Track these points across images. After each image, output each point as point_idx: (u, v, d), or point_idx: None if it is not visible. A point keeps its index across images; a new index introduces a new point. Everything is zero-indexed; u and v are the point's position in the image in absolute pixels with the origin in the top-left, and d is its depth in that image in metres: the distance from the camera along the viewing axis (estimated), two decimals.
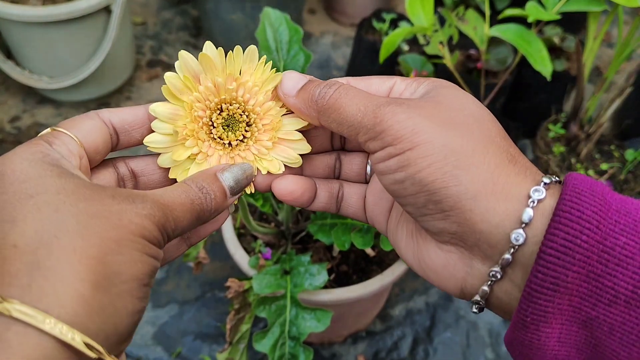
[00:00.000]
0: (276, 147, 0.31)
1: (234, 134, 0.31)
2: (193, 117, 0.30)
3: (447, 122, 0.26)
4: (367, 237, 0.61)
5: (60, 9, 1.02)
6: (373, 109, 0.26)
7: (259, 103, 0.30)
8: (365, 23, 1.16)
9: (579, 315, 0.24)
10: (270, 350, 0.60)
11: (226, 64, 0.30)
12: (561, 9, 0.77)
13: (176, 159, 0.30)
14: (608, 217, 0.23)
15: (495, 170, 0.25)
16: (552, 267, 0.23)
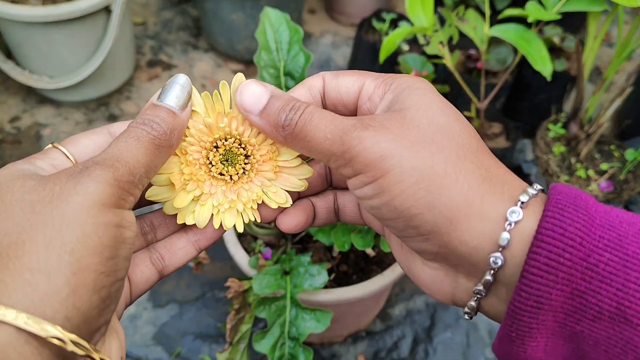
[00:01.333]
0: (279, 177, 0.31)
1: (234, 168, 0.31)
2: (187, 161, 0.30)
3: (416, 142, 0.25)
4: (367, 238, 0.61)
5: (61, 9, 1.02)
6: (340, 135, 0.25)
7: (253, 134, 0.30)
8: (365, 23, 1.16)
9: (563, 330, 0.24)
10: (270, 350, 0.60)
11: (214, 102, 0.29)
12: (561, 9, 0.77)
13: (178, 206, 0.29)
14: (592, 232, 0.23)
15: (469, 191, 0.24)
16: (536, 286, 0.23)
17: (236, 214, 0.31)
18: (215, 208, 0.30)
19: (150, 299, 0.92)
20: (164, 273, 0.31)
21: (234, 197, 0.30)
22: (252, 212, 0.31)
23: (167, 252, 0.30)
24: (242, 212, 0.31)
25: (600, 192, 0.90)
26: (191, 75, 1.34)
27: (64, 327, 0.21)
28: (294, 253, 0.68)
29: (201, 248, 0.31)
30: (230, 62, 1.38)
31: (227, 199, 0.30)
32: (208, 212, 0.30)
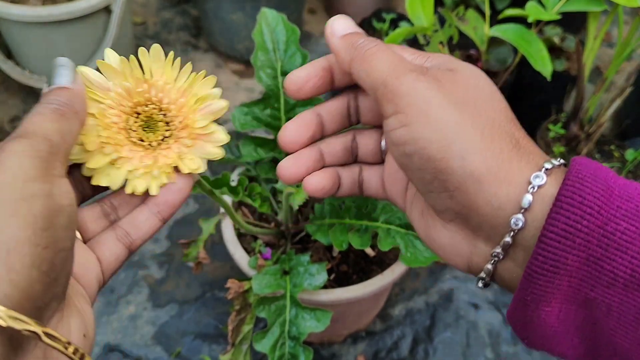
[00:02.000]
0: (195, 144, 0.31)
1: (154, 135, 0.31)
2: (104, 124, 0.30)
3: (462, 101, 0.26)
4: (365, 237, 0.61)
5: (61, 9, 1.02)
6: (399, 71, 0.27)
7: (172, 101, 0.31)
8: (366, 23, 1.16)
9: (578, 296, 0.25)
10: (270, 350, 0.60)
11: (132, 68, 0.30)
12: (561, 9, 0.77)
13: (90, 166, 0.30)
14: (610, 202, 0.24)
15: (500, 155, 0.25)
16: (553, 251, 0.24)
17: (150, 178, 0.31)
18: (130, 173, 0.31)
19: (150, 299, 0.92)
20: (132, 248, 0.31)
21: (150, 162, 0.31)
22: (167, 176, 0.31)
23: (131, 227, 0.31)
24: (157, 176, 0.31)
25: None
26: None
27: (5, 305, 0.21)
28: (293, 253, 0.68)
29: (165, 218, 0.32)
30: (231, 62, 1.38)
31: (142, 164, 0.31)
32: (122, 176, 0.31)
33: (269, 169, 0.73)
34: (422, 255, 0.58)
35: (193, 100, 0.31)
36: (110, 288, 0.93)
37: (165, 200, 0.31)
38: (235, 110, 0.68)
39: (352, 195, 0.35)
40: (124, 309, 0.91)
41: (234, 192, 0.64)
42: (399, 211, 0.61)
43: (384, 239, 0.60)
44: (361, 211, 0.63)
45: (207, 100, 0.31)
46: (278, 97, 0.68)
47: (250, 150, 0.70)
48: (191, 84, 0.31)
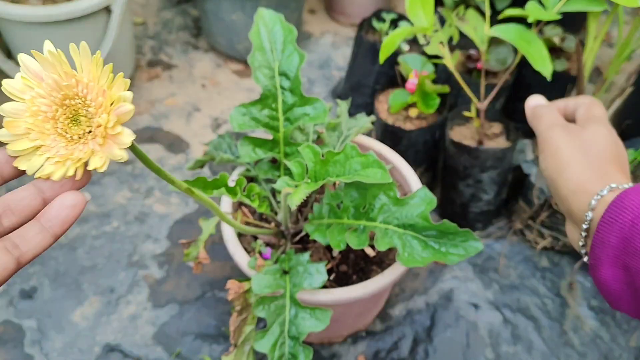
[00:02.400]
0: (106, 143, 0.32)
1: (77, 128, 0.33)
2: (32, 111, 0.32)
3: (577, 146, 0.45)
4: (362, 237, 0.61)
5: (61, 9, 1.02)
6: (551, 125, 0.47)
7: (94, 98, 0.32)
8: (366, 23, 1.16)
9: (619, 262, 0.39)
10: (270, 350, 0.60)
11: (61, 62, 0.32)
12: (561, 9, 0.77)
13: (13, 148, 0.32)
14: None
15: (588, 181, 0.43)
16: (602, 233, 0.39)
17: (59, 167, 0.32)
18: (47, 160, 0.32)
19: (150, 299, 0.92)
20: (22, 261, 0.31)
21: (64, 153, 0.32)
22: (77, 169, 0.33)
23: (21, 239, 0.31)
24: (67, 166, 0.32)
25: None
26: (191, 75, 1.34)
27: None
28: (292, 252, 0.68)
29: (56, 234, 0.32)
30: (230, 62, 1.38)
31: (57, 154, 0.32)
32: (40, 162, 0.32)
33: (267, 169, 0.73)
34: (419, 256, 0.57)
35: (110, 101, 0.32)
36: (110, 288, 0.93)
37: (57, 215, 0.32)
38: (234, 111, 0.68)
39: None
40: (124, 309, 0.91)
41: (232, 193, 0.64)
42: (397, 211, 0.61)
43: (382, 239, 0.60)
44: (359, 211, 0.63)
45: (119, 101, 0.32)
46: (276, 97, 0.68)
47: (249, 151, 0.70)
48: (110, 85, 0.32)
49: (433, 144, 1.00)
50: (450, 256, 0.57)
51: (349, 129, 0.76)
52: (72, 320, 0.89)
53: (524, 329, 0.91)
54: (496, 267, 0.99)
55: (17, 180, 1.04)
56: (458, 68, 1.04)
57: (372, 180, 0.58)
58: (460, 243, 0.58)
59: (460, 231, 0.58)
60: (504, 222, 1.05)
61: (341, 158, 0.60)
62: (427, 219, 0.59)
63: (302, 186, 0.60)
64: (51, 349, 0.86)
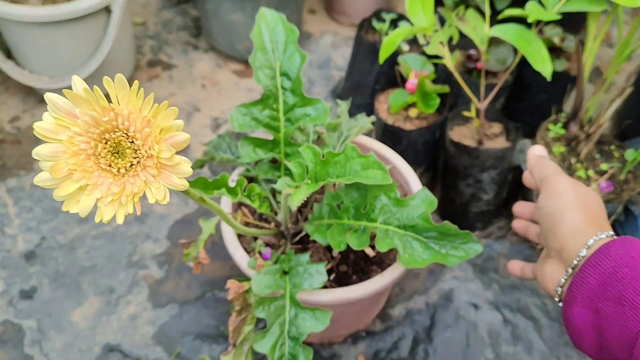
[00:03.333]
0: (161, 174, 0.32)
1: (123, 161, 0.31)
2: (72, 152, 0.31)
3: (578, 194, 0.49)
4: (363, 237, 0.61)
5: (61, 9, 1.02)
6: (557, 173, 0.52)
7: (138, 130, 0.31)
8: (365, 23, 1.16)
9: (593, 304, 0.42)
10: (270, 350, 0.60)
11: (98, 98, 0.30)
12: (561, 9, 0.77)
13: (58, 194, 0.31)
14: (622, 259, 0.41)
15: (585, 227, 0.46)
16: (584, 274, 0.43)
17: (118, 206, 0.31)
18: (99, 201, 0.31)
19: (150, 299, 0.92)
20: None
21: (117, 190, 0.31)
22: (135, 204, 0.32)
23: None
24: (125, 204, 0.31)
25: (600, 192, 0.90)
26: (191, 75, 1.34)
27: None
28: (292, 253, 0.68)
29: None
30: (230, 62, 1.38)
31: (110, 192, 0.31)
32: (91, 203, 0.31)
33: (268, 169, 0.73)
34: (419, 257, 0.58)
35: (157, 130, 0.31)
36: (110, 288, 0.93)
37: None
38: (234, 111, 0.68)
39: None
40: (123, 309, 0.91)
41: (232, 193, 0.64)
42: (398, 212, 0.61)
43: (382, 239, 0.60)
44: (359, 212, 0.63)
45: (170, 131, 0.31)
46: (277, 97, 0.68)
47: (249, 151, 0.70)
48: (155, 114, 0.31)
49: (433, 144, 1.00)
50: (450, 258, 0.57)
51: (349, 129, 0.76)
52: (72, 321, 0.89)
53: (524, 329, 0.91)
54: (496, 267, 0.99)
55: (26, 180, 1.03)
56: (458, 68, 1.04)
57: (372, 181, 0.58)
58: (460, 245, 0.58)
59: (460, 233, 0.58)
60: (504, 222, 1.05)
61: (341, 159, 0.60)
62: (427, 220, 0.59)
63: (302, 187, 0.60)
64: (51, 349, 0.86)
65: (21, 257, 0.97)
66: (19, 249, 0.98)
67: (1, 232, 1.00)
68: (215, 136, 1.20)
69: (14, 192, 1.07)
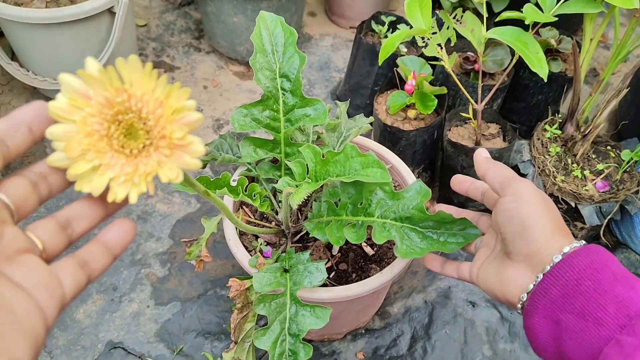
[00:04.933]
0: (174, 154, 0.32)
1: (135, 142, 0.32)
2: (86, 132, 0.31)
3: (543, 199, 0.47)
4: (360, 232, 0.62)
5: (64, 11, 1.03)
6: (517, 176, 0.49)
7: (151, 111, 0.31)
8: (365, 26, 1.17)
9: (553, 315, 0.42)
10: (271, 347, 0.61)
11: (112, 79, 0.31)
12: (558, 11, 0.78)
13: (73, 172, 0.31)
14: (586, 271, 0.41)
15: (556, 230, 0.46)
16: (546, 284, 0.43)
17: (130, 186, 0.32)
18: (112, 180, 0.32)
19: (153, 297, 0.94)
20: (91, 278, 0.32)
21: (130, 169, 0.32)
22: (148, 184, 0.32)
23: (91, 257, 0.32)
24: (137, 184, 0.32)
25: (596, 192, 0.91)
26: (193, 76, 1.36)
27: None
28: (293, 251, 0.69)
29: (116, 255, 0.33)
30: (232, 64, 1.39)
31: (123, 172, 0.32)
32: (104, 182, 0.32)
33: (268, 169, 0.74)
34: (417, 247, 0.58)
35: (170, 111, 0.31)
36: (113, 286, 0.95)
37: (118, 238, 0.33)
38: (235, 112, 0.69)
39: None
40: (126, 306, 0.92)
41: (234, 192, 0.65)
42: (394, 205, 0.62)
43: (379, 232, 0.61)
44: (356, 207, 0.64)
45: (182, 111, 0.31)
46: (277, 98, 0.69)
47: (250, 151, 0.72)
48: (167, 95, 0.31)
49: (431, 145, 1.01)
50: (449, 245, 0.57)
51: (348, 129, 0.77)
52: (76, 318, 0.91)
53: (521, 327, 0.92)
54: None
55: None
56: (456, 70, 1.05)
57: (372, 179, 0.59)
58: (458, 231, 0.58)
59: (456, 220, 0.58)
60: None
61: (341, 158, 0.61)
62: (422, 211, 0.60)
63: (303, 186, 0.61)
64: (55, 347, 0.87)
65: None
66: None
67: None
68: (217, 137, 1.21)
69: None
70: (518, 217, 0.46)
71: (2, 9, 1.02)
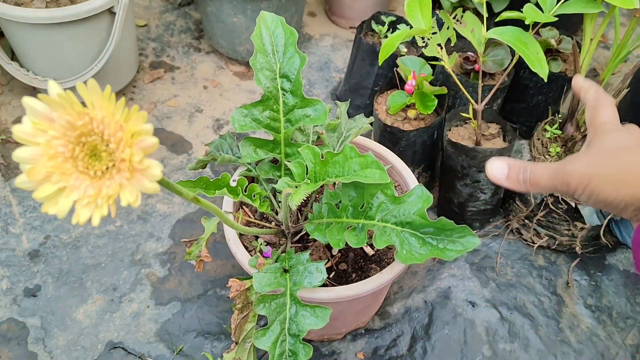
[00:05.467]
0: (134, 177, 0.32)
1: (99, 164, 0.32)
2: (50, 155, 0.31)
3: (602, 162, 0.40)
4: (361, 235, 0.62)
5: (64, 11, 1.03)
6: (553, 175, 0.41)
7: (112, 133, 0.32)
8: (365, 26, 1.17)
9: None
10: (271, 347, 0.61)
11: (72, 102, 0.31)
12: (558, 11, 0.78)
13: (36, 196, 0.31)
14: None
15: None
16: None
17: (94, 208, 0.32)
18: (77, 202, 0.32)
19: (153, 297, 0.94)
20: None
21: (93, 192, 0.32)
22: (110, 207, 0.32)
23: None
24: (101, 206, 0.32)
25: None
26: (193, 76, 1.36)
27: None
28: (293, 251, 0.69)
29: None
30: (232, 64, 1.39)
31: (86, 194, 0.32)
32: (69, 204, 0.32)
33: (268, 169, 0.74)
34: (417, 252, 0.58)
35: (129, 134, 0.32)
36: (113, 286, 0.95)
37: None
38: (235, 112, 0.69)
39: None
40: (126, 306, 0.92)
41: (233, 193, 0.65)
42: (395, 209, 0.62)
43: (380, 237, 0.61)
44: (357, 210, 0.64)
45: (140, 135, 0.31)
46: (277, 99, 0.69)
47: (250, 151, 0.72)
48: (126, 118, 0.31)
49: (431, 145, 1.01)
50: (448, 252, 0.58)
51: (349, 130, 0.77)
52: (76, 318, 0.91)
53: (521, 327, 0.92)
54: (493, 265, 1.01)
55: None
56: (456, 70, 1.05)
57: (370, 180, 0.59)
58: (457, 239, 0.58)
59: (457, 227, 0.59)
60: (501, 221, 1.06)
61: (340, 159, 0.61)
62: (424, 217, 0.60)
63: (302, 186, 0.61)
64: (55, 347, 0.87)
65: (25, 256, 0.98)
66: (23, 247, 1.00)
67: (5, 231, 1.02)
68: (217, 137, 1.21)
69: (18, 191, 1.08)
70: (597, 203, 0.41)
71: (2, 9, 1.02)
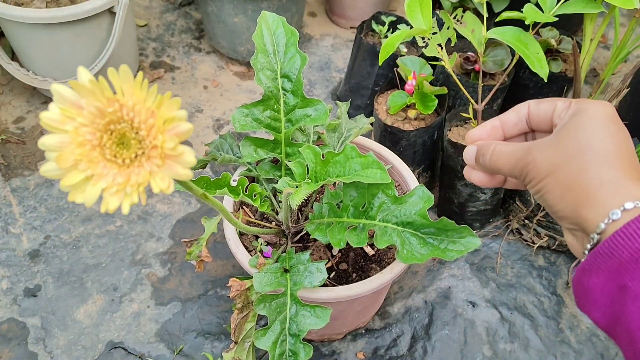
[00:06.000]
0: (165, 164, 0.32)
1: (127, 152, 0.32)
2: (78, 142, 0.31)
3: (565, 158, 0.37)
4: (362, 235, 0.62)
5: (64, 11, 1.03)
6: (514, 163, 0.40)
7: (143, 120, 0.31)
8: (365, 26, 1.17)
9: (619, 279, 0.35)
10: (271, 347, 0.61)
11: (103, 89, 0.31)
12: (558, 11, 0.78)
13: (65, 184, 0.31)
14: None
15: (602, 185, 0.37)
16: (615, 244, 0.34)
17: (123, 196, 0.32)
18: (105, 191, 0.31)
19: (153, 297, 0.94)
20: None
21: (122, 180, 0.31)
22: (140, 194, 0.32)
23: None
24: (130, 194, 0.32)
25: None
26: (193, 76, 1.36)
27: None
28: (293, 251, 0.69)
29: None
30: (232, 64, 1.39)
31: (115, 182, 0.31)
32: (97, 193, 0.31)
33: (269, 169, 0.74)
34: (418, 252, 0.59)
35: (161, 121, 0.31)
36: (113, 286, 0.95)
37: None
38: (236, 112, 0.69)
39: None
40: (127, 306, 0.92)
41: (234, 192, 0.65)
42: (396, 209, 0.62)
43: (381, 237, 0.61)
44: (358, 210, 0.64)
45: (174, 121, 0.31)
46: (278, 98, 0.69)
47: (251, 151, 0.72)
48: (159, 105, 0.31)
49: (431, 145, 1.01)
50: (449, 252, 0.58)
51: (349, 130, 0.77)
52: (76, 318, 0.91)
53: (521, 327, 0.92)
54: (493, 265, 1.01)
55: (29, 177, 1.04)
56: (456, 70, 1.06)
57: (371, 180, 0.59)
58: (458, 239, 0.59)
59: (458, 228, 0.59)
60: (501, 221, 1.06)
61: (341, 159, 0.61)
62: (425, 217, 0.61)
63: (302, 186, 0.61)
64: (55, 347, 0.87)
65: (25, 256, 0.98)
66: (24, 247, 1.00)
67: (6, 231, 1.02)
68: (217, 137, 1.21)
69: (19, 191, 1.08)
70: (547, 206, 0.39)
71: (2, 9, 1.02)
